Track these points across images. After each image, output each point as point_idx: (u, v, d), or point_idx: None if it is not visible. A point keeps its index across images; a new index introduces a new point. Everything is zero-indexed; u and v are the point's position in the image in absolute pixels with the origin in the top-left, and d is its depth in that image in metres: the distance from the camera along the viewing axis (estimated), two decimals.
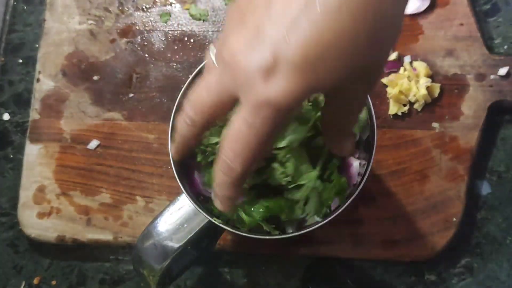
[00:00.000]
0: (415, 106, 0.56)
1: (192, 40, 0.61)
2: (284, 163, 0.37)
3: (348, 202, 0.39)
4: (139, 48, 0.61)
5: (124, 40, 0.61)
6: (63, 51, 0.61)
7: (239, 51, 0.27)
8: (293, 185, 0.37)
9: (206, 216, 0.40)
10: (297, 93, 0.26)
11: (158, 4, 0.63)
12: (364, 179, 0.40)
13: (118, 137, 0.58)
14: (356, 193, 0.39)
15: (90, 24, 0.62)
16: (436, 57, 0.57)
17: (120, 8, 0.63)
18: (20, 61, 0.63)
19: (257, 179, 0.38)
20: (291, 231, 0.40)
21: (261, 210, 0.38)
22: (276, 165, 0.37)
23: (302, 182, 0.37)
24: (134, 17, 0.62)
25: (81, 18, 0.62)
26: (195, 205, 0.40)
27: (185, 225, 0.41)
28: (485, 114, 0.56)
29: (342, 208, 0.39)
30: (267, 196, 0.39)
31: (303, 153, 0.37)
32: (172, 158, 0.39)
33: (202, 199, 0.43)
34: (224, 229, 0.41)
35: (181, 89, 0.41)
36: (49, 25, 0.62)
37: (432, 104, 0.56)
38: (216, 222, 0.39)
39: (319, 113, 0.37)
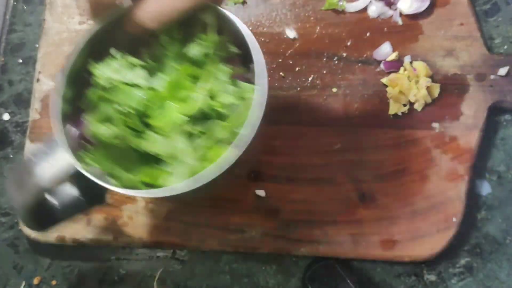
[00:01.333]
0: (415, 106, 0.56)
1: None
2: (159, 134, 0.40)
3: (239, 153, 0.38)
4: None
5: None
6: (63, 51, 0.61)
7: None
8: (168, 157, 0.40)
9: (74, 162, 0.39)
10: None
11: None
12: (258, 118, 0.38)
13: None
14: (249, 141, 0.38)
15: (90, 24, 0.62)
16: (436, 57, 0.58)
17: None
18: (20, 61, 0.63)
19: (136, 144, 0.40)
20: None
21: (134, 176, 0.41)
22: (154, 134, 0.40)
23: (176, 155, 0.40)
24: None
25: (81, 18, 0.62)
26: (65, 149, 0.39)
27: (57, 167, 0.41)
28: (485, 114, 0.56)
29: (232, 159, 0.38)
30: (147, 162, 0.42)
31: (180, 131, 0.40)
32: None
33: (83, 143, 0.42)
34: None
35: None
36: (49, 25, 0.62)
37: (432, 104, 0.56)
38: (83, 171, 0.39)
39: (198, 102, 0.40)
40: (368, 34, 0.58)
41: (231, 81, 0.42)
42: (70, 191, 0.47)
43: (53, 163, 0.41)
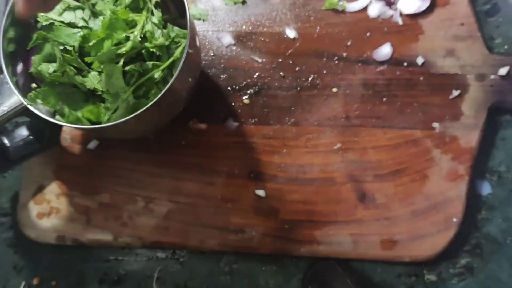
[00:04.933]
0: None
1: None
2: (100, 73, 0.45)
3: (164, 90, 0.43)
4: None
5: None
6: None
7: None
8: (107, 94, 0.45)
9: (21, 98, 0.43)
10: None
11: None
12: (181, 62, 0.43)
13: None
14: (172, 80, 0.43)
15: None
16: (436, 57, 0.57)
17: None
18: None
19: (77, 81, 0.45)
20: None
21: (79, 114, 0.46)
22: (93, 73, 0.45)
23: (115, 92, 0.45)
24: None
25: None
26: (13, 86, 0.43)
27: (5, 104, 0.44)
28: (485, 114, 0.56)
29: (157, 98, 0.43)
30: (92, 101, 0.47)
31: (117, 70, 0.44)
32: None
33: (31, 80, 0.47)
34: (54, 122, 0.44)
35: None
36: None
37: (432, 104, 0.56)
38: (28, 106, 0.43)
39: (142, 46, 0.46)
40: (368, 34, 0.58)
41: (164, 25, 0.47)
42: (22, 132, 0.50)
43: (1, 100, 0.44)
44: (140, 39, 0.45)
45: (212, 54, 0.59)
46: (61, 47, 0.45)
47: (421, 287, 0.54)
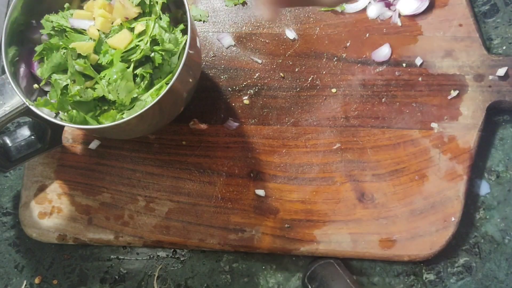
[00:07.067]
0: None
1: None
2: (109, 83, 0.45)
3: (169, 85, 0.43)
4: None
5: None
6: None
7: None
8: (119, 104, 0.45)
9: (22, 99, 0.43)
10: None
11: None
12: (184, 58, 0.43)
13: None
14: (176, 75, 0.43)
15: None
16: (435, 57, 0.58)
17: None
18: None
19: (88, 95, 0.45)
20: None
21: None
22: (103, 81, 0.45)
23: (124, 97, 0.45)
24: None
25: None
26: (15, 87, 0.43)
27: (7, 105, 0.45)
28: (483, 114, 0.56)
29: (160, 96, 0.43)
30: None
31: (127, 75, 0.45)
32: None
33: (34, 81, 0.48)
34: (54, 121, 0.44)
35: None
36: None
37: (431, 105, 0.57)
38: (31, 106, 0.43)
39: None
40: (367, 35, 0.59)
41: (170, 28, 0.47)
42: (24, 132, 0.50)
43: (3, 101, 0.44)
44: (149, 46, 0.46)
45: (212, 55, 0.59)
46: (70, 52, 0.45)
47: (420, 286, 0.55)
